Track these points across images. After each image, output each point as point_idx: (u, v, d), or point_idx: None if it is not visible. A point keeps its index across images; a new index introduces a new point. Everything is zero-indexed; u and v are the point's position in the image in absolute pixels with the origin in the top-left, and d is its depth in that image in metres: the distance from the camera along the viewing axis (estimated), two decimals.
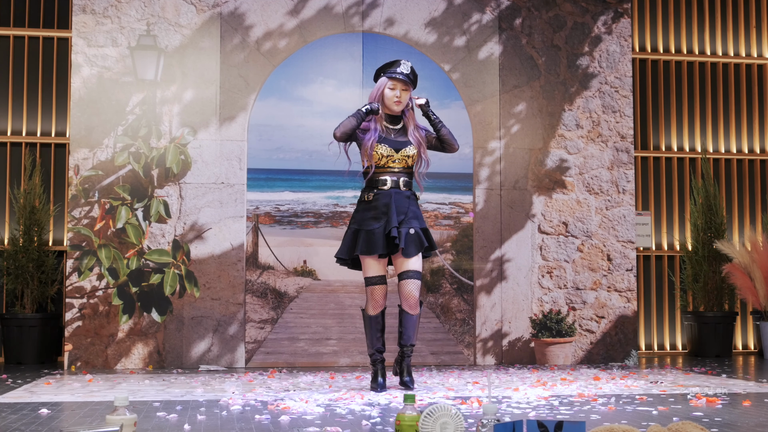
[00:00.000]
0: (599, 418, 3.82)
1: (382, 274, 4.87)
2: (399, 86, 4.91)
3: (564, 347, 7.01)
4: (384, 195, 4.85)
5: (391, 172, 4.88)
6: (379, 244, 4.78)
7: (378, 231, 4.79)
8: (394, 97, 4.91)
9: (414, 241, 4.81)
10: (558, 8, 7.32)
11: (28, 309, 6.84)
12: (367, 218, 4.85)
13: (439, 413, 2.91)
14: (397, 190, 4.87)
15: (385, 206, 4.82)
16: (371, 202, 4.87)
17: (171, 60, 6.76)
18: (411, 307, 4.85)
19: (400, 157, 4.88)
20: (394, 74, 4.89)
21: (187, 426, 3.53)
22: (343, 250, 4.90)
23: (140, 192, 6.65)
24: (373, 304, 4.89)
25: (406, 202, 4.86)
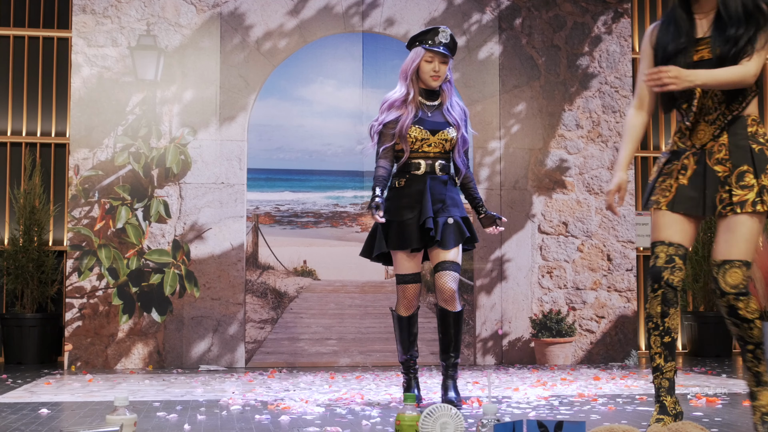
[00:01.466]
0: (599, 418, 3.82)
1: (416, 272, 4.27)
2: (437, 59, 4.27)
3: (564, 347, 7.01)
4: (418, 180, 4.24)
5: (426, 156, 4.25)
6: (413, 236, 4.19)
7: (411, 222, 4.19)
8: (431, 71, 4.26)
9: (453, 232, 4.21)
10: (558, 8, 7.32)
11: (28, 309, 6.84)
12: (399, 207, 4.23)
13: (439, 413, 2.91)
14: (433, 175, 4.25)
15: (419, 193, 4.21)
16: (403, 189, 4.25)
17: (171, 60, 6.76)
18: (448, 301, 4.19)
19: (436, 141, 4.26)
20: (434, 47, 4.26)
21: (187, 426, 3.53)
22: (373, 245, 4.29)
23: (140, 192, 6.65)
24: (405, 304, 4.30)
25: (443, 189, 4.25)
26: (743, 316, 3.03)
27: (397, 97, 4.28)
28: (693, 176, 3.10)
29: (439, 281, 4.20)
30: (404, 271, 4.26)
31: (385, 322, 6.87)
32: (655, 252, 3.09)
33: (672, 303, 3.07)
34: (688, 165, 3.13)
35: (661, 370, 3.15)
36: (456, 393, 4.20)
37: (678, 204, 3.10)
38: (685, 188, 3.11)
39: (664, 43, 3.16)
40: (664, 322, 3.09)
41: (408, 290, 4.28)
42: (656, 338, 3.12)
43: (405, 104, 4.27)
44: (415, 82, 4.29)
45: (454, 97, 4.37)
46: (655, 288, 3.07)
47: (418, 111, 4.27)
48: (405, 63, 4.33)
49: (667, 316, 3.08)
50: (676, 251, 3.08)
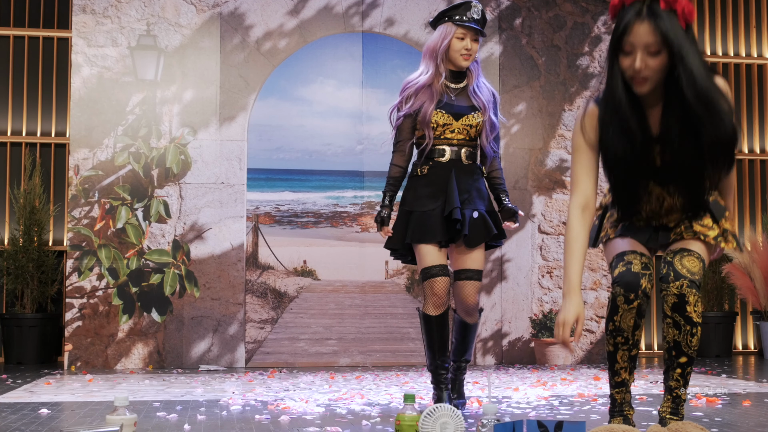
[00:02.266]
0: (599, 418, 3.82)
1: (443, 263, 3.85)
2: (470, 36, 3.92)
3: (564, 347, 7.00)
4: (442, 168, 3.88)
5: (449, 143, 3.90)
6: (436, 229, 3.82)
7: (435, 213, 3.83)
8: (462, 49, 3.92)
9: (479, 228, 3.85)
10: (558, 8, 7.32)
11: (28, 309, 6.84)
12: (421, 196, 3.88)
13: (439, 413, 2.91)
14: (459, 163, 3.90)
15: (444, 182, 3.85)
16: (426, 176, 3.90)
17: (171, 60, 6.76)
18: (468, 313, 3.93)
19: (460, 127, 3.90)
20: (465, 23, 3.90)
21: (187, 426, 3.53)
22: (393, 238, 3.95)
23: (140, 192, 6.65)
24: (433, 301, 3.85)
25: (469, 179, 3.90)
26: (689, 315, 2.74)
27: (423, 82, 3.93)
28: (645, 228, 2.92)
29: (462, 292, 3.90)
30: (430, 263, 3.83)
31: (385, 322, 6.87)
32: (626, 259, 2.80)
33: (644, 314, 2.82)
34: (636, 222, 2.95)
35: (626, 385, 2.90)
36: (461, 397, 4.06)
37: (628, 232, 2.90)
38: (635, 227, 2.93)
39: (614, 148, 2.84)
40: (634, 335, 2.82)
41: (437, 284, 3.83)
42: (624, 353, 2.85)
43: (431, 88, 3.92)
44: (444, 63, 3.94)
45: (481, 78, 4.02)
46: (630, 299, 2.76)
47: (443, 95, 3.92)
48: (432, 41, 3.96)
49: (638, 329, 2.83)
50: (648, 260, 2.84)
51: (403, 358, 6.82)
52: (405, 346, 6.86)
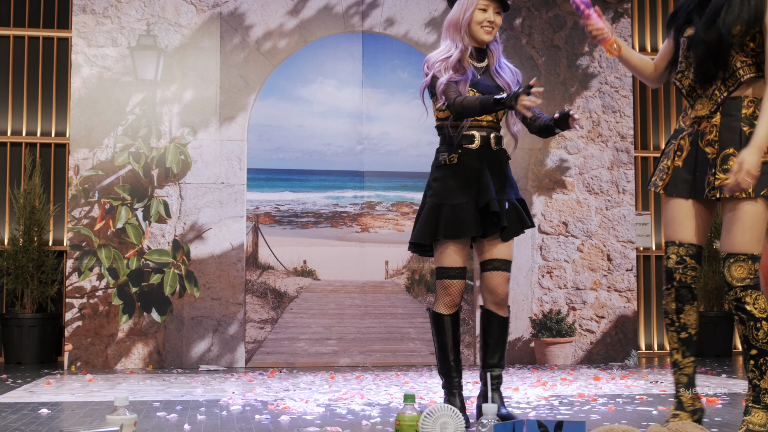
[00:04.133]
0: (599, 418, 3.82)
1: (463, 266, 3.62)
2: (492, 8, 3.61)
3: (564, 347, 7.01)
4: (472, 156, 3.59)
5: (479, 126, 3.63)
6: (470, 223, 3.53)
7: (468, 206, 3.55)
8: (485, 21, 3.60)
9: (513, 219, 3.62)
10: (558, 8, 7.32)
11: (28, 309, 6.84)
12: (451, 188, 3.58)
13: (439, 413, 2.91)
14: (488, 149, 3.63)
15: (476, 171, 3.57)
16: (455, 166, 3.59)
17: (171, 60, 6.76)
18: (499, 304, 3.65)
19: None
20: None
21: (187, 426, 3.53)
22: (423, 232, 3.60)
23: (140, 192, 6.65)
24: (447, 301, 3.63)
25: (500, 166, 3.65)
26: (750, 312, 2.96)
27: (455, 57, 3.61)
28: (687, 158, 3.12)
29: (492, 282, 3.63)
30: (450, 264, 3.59)
31: (385, 322, 6.88)
32: (667, 252, 3.16)
33: (686, 299, 3.12)
34: (683, 146, 3.14)
35: (679, 366, 3.18)
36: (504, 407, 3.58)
37: (672, 187, 3.14)
38: (679, 170, 3.13)
39: (672, 20, 3.29)
40: (679, 318, 3.13)
41: (453, 287, 3.61)
42: (673, 334, 3.16)
43: (460, 65, 3.63)
44: (468, 37, 3.63)
45: (503, 58, 3.75)
46: (668, 287, 3.14)
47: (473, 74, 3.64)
48: (453, 15, 3.65)
49: (682, 312, 3.13)
50: (687, 251, 3.11)
51: (403, 358, 6.82)
52: (405, 346, 6.86)
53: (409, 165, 7.04)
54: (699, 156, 3.07)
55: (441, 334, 3.64)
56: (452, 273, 3.60)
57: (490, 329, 3.66)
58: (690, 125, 3.13)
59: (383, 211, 6.98)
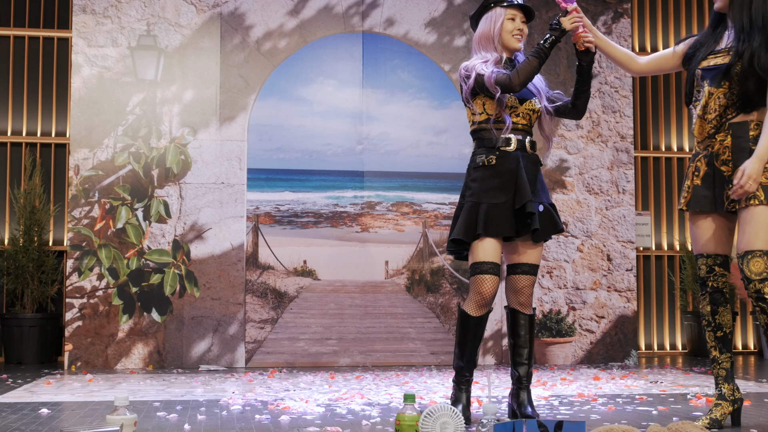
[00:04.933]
0: (599, 418, 3.82)
1: (497, 262, 3.67)
2: (519, 16, 3.82)
3: (564, 347, 7.01)
4: (510, 158, 3.70)
5: (515, 129, 3.74)
6: (507, 222, 3.65)
7: (507, 206, 3.66)
8: (515, 29, 3.80)
9: (546, 222, 3.75)
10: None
11: (28, 309, 6.84)
12: (489, 188, 3.68)
13: (439, 413, 2.91)
14: (524, 152, 3.74)
15: (512, 173, 3.68)
16: (493, 167, 3.69)
17: (171, 60, 6.76)
18: (524, 304, 3.77)
19: (524, 111, 3.78)
20: (514, 2, 3.81)
21: (187, 426, 3.53)
22: (463, 229, 3.68)
23: (140, 192, 6.65)
24: (478, 300, 3.67)
25: (535, 170, 3.76)
26: None
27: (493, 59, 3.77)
28: (704, 176, 3.53)
29: (519, 284, 3.76)
30: (486, 258, 3.64)
31: (385, 322, 6.88)
32: (698, 264, 3.60)
33: (719, 302, 3.55)
34: (700, 167, 3.54)
35: (717, 361, 3.55)
36: (533, 408, 3.70)
37: (694, 203, 3.53)
38: (699, 188, 3.53)
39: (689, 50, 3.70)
40: (714, 318, 3.55)
41: (486, 282, 3.64)
42: (710, 333, 3.56)
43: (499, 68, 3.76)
44: (501, 46, 3.82)
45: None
46: (703, 293, 3.58)
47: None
48: (483, 30, 3.82)
49: (716, 314, 3.55)
50: (714, 261, 3.55)
51: (403, 358, 6.82)
52: (405, 346, 6.86)
53: (409, 165, 7.04)
54: (716, 174, 3.49)
55: (464, 333, 3.71)
56: (486, 267, 3.65)
57: (517, 328, 3.78)
58: (705, 147, 3.55)
59: (383, 211, 6.99)
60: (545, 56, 3.70)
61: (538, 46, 3.68)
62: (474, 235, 3.66)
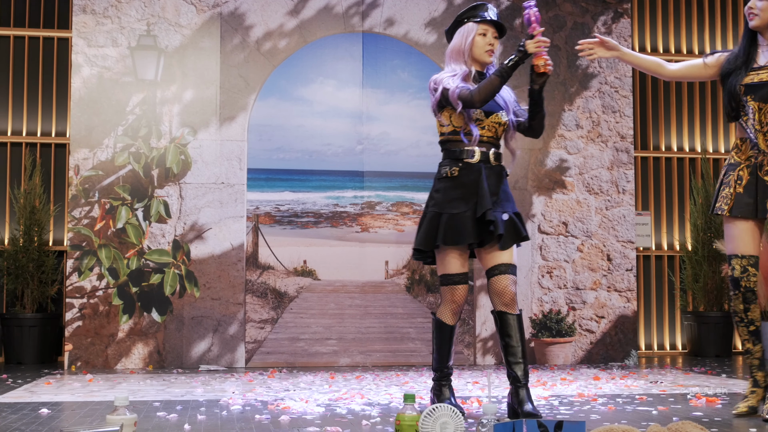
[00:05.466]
0: (599, 418, 3.82)
1: (465, 272, 3.87)
2: (491, 32, 3.91)
3: (564, 347, 7.01)
4: (472, 170, 3.84)
5: (480, 141, 3.86)
6: (467, 231, 3.77)
7: (466, 215, 3.79)
8: (486, 45, 3.89)
9: (510, 230, 3.83)
10: (558, 8, 7.32)
11: (28, 309, 6.84)
12: (451, 198, 3.83)
13: (439, 413, 2.91)
14: (488, 164, 3.86)
15: (474, 184, 3.82)
16: (456, 179, 3.84)
17: (171, 60, 6.76)
18: (509, 305, 3.79)
19: (489, 124, 3.87)
20: (486, 18, 3.91)
21: (187, 426, 3.53)
22: (423, 239, 3.86)
23: (140, 192, 6.65)
24: (452, 309, 3.88)
25: (498, 180, 3.87)
26: None
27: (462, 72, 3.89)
28: (747, 185, 3.81)
29: (499, 285, 3.80)
30: (454, 270, 3.84)
31: (385, 322, 6.88)
32: (731, 264, 3.87)
33: (751, 300, 3.85)
34: (743, 176, 3.83)
35: (751, 352, 3.88)
36: (532, 404, 3.71)
37: (736, 209, 3.82)
38: (741, 196, 3.82)
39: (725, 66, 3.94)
40: (747, 315, 3.85)
41: (458, 292, 3.85)
42: (743, 329, 3.87)
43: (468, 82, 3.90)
44: (471, 60, 3.93)
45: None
46: (736, 293, 3.87)
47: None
48: (455, 43, 3.94)
49: (749, 311, 3.86)
50: (748, 262, 3.84)
51: (403, 358, 6.82)
52: (405, 346, 6.86)
53: (409, 165, 7.04)
54: (759, 183, 3.79)
55: (442, 341, 3.92)
56: (456, 279, 3.86)
57: (508, 329, 3.80)
58: (747, 159, 3.84)
59: (383, 211, 6.99)
60: (507, 76, 3.74)
61: (501, 66, 3.76)
62: (433, 245, 3.83)
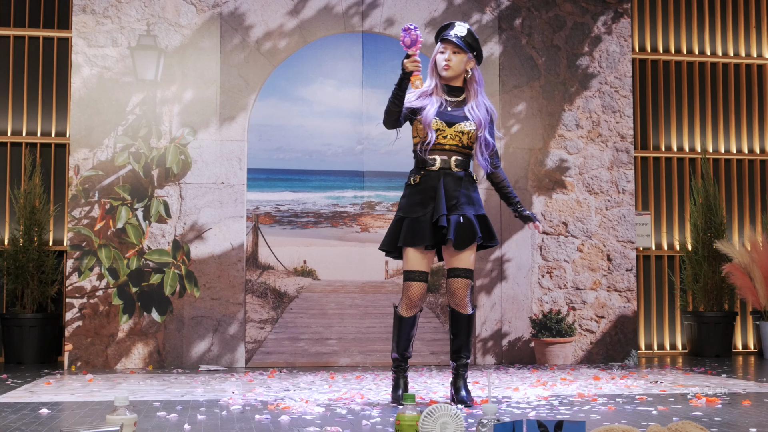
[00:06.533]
0: (599, 418, 3.82)
1: (423, 270, 4.23)
2: (449, 48, 4.29)
3: (564, 347, 7.01)
4: (432, 177, 4.23)
5: (442, 149, 4.23)
6: (425, 234, 4.16)
7: (424, 219, 4.17)
8: (443, 61, 4.30)
9: (465, 232, 4.18)
10: (558, 8, 7.32)
11: (28, 309, 6.84)
12: (412, 204, 4.23)
13: (439, 413, 2.91)
14: (447, 170, 4.22)
15: (433, 190, 4.20)
16: (418, 185, 4.24)
17: (171, 60, 6.76)
18: (459, 305, 4.25)
19: (452, 133, 4.24)
20: (446, 36, 4.32)
21: (187, 426, 3.53)
22: (387, 240, 4.31)
23: (140, 192, 6.65)
24: (407, 303, 4.25)
25: (457, 186, 4.22)
26: None
27: (424, 90, 4.33)
28: None
29: (451, 287, 4.25)
30: (412, 267, 4.22)
31: (385, 321, 6.88)
32: None
33: None
34: None
35: None
36: (467, 392, 4.23)
37: None
38: None
39: None
40: None
41: (412, 288, 4.22)
42: None
43: (430, 96, 4.32)
44: (436, 75, 4.35)
45: (482, 98, 4.34)
46: None
47: (441, 104, 4.29)
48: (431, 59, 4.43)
49: None
50: None
51: None
52: None
53: (409, 165, 6.99)
54: None
55: (400, 331, 4.31)
56: (413, 275, 4.22)
57: (457, 326, 4.29)
58: None
59: (383, 211, 6.99)
60: (394, 94, 4.20)
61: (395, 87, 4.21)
62: (395, 247, 4.26)
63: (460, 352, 4.27)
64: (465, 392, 4.22)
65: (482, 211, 4.29)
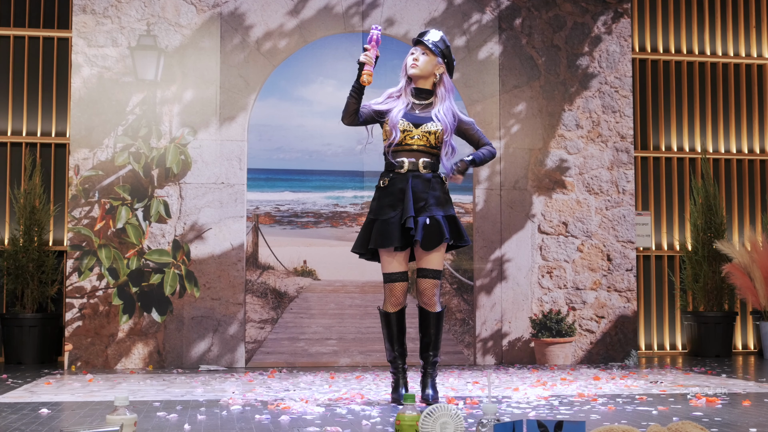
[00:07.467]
0: (599, 418, 3.82)
1: (402, 270, 4.32)
2: (418, 50, 4.42)
3: (564, 347, 7.01)
4: (400, 179, 4.31)
5: (410, 150, 4.32)
6: (394, 235, 4.23)
7: (393, 221, 4.25)
8: (411, 60, 4.41)
9: (433, 233, 4.24)
10: (558, 8, 7.32)
11: (28, 309, 6.84)
12: (382, 206, 4.30)
13: (439, 413, 2.91)
14: (415, 172, 4.30)
15: (401, 192, 4.27)
16: (387, 188, 4.32)
17: (171, 60, 6.76)
18: (427, 303, 4.34)
19: (420, 134, 4.32)
20: (418, 38, 4.47)
21: (187, 426, 3.53)
22: (358, 243, 4.39)
23: (140, 192, 6.65)
24: (392, 301, 4.35)
25: (426, 187, 4.29)
26: None
27: (397, 92, 4.49)
28: None
29: (421, 286, 4.35)
30: (390, 270, 4.32)
31: None
32: None
33: None
34: None
35: None
36: (434, 391, 4.32)
37: None
38: None
39: None
40: None
41: (395, 288, 4.33)
42: None
43: (399, 99, 4.46)
44: (405, 77, 4.48)
45: (450, 103, 4.42)
46: None
47: (408, 104, 4.41)
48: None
49: None
50: None
51: None
52: None
53: None
54: None
55: (389, 328, 4.40)
56: (394, 277, 4.31)
57: (425, 324, 4.38)
58: None
59: None
60: (353, 90, 4.40)
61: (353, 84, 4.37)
62: (367, 249, 4.33)
63: (428, 350, 4.37)
64: (431, 390, 4.31)
65: (452, 211, 4.36)
